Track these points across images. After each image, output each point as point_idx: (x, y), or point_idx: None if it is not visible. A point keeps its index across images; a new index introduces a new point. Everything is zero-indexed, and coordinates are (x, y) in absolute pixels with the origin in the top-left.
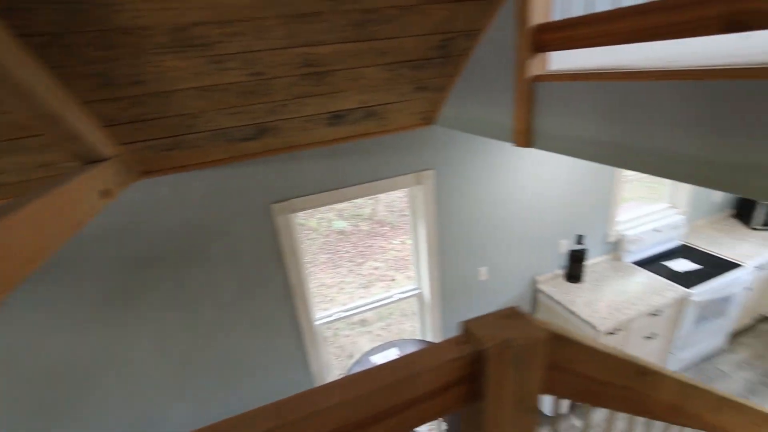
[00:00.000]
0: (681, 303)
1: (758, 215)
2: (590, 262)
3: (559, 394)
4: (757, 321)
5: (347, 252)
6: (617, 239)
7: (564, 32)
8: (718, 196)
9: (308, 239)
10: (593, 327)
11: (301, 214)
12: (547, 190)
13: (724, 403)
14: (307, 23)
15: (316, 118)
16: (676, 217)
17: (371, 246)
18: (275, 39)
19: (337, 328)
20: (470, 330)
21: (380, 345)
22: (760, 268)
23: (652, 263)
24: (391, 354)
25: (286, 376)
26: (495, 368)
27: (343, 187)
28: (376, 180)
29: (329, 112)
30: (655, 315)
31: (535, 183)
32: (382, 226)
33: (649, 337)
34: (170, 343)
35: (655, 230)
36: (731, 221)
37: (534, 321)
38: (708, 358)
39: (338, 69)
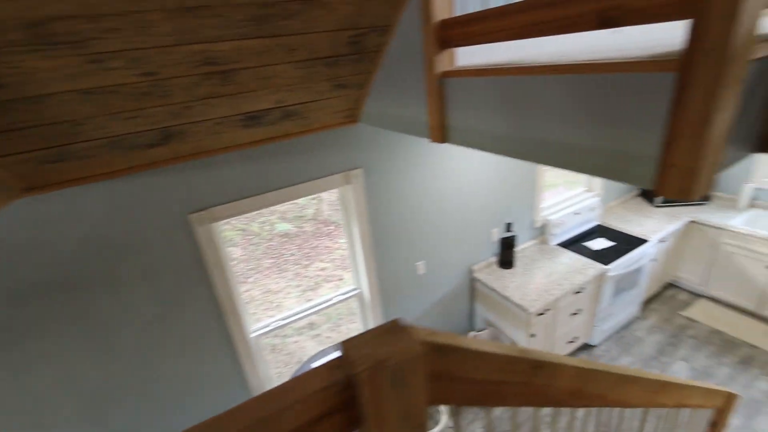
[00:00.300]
0: (600, 279)
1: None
2: (520, 248)
3: (454, 403)
4: (662, 288)
5: (292, 255)
6: (543, 224)
7: (463, 28)
8: None
9: (251, 245)
10: (525, 310)
11: (234, 220)
12: (475, 181)
13: (622, 378)
14: (197, 18)
15: (228, 120)
16: (592, 200)
17: (317, 247)
18: (162, 35)
19: (285, 335)
20: (346, 351)
21: (323, 350)
22: (662, 241)
23: (575, 244)
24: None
25: (222, 397)
26: (370, 392)
27: (269, 191)
28: (304, 182)
29: (243, 114)
30: (579, 292)
31: (464, 176)
32: (327, 226)
33: (575, 313)
34: (79, 381)
35: (575, 213)
36: (638, 200)
37: (415, 334)
38: (626, 326)
39: (245, 67)
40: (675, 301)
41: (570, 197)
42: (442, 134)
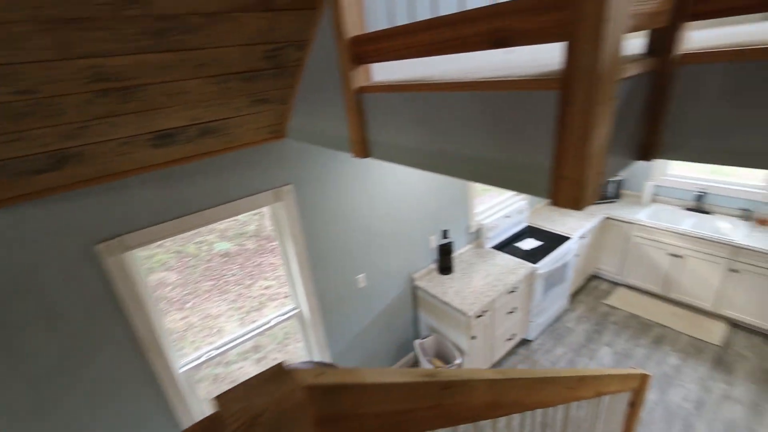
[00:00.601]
0: (531, 277)
1: None
2: (458, 253)
3: None
4: (587, 280)
5: (234, 275)
6: (477, 228)
7: (373, 45)
8: None
9: (188, 267)
10: (464, 313)
11: (169, 242)
12: (410, 191)
13: (538, 381)
14: (81, 30)
15: (136, 139)
16: (520, 203)
17: (260, 264)
18: (39, 49)
19: (228, 362)
20: (220, 407)
21: None
22: (582, 237)
23: (508, 245)
24: None
25: None
26: None
27: (191, 214)
28: (230, 201)
29: (153, 132)
30: (513, 291)
31: (399, 186)
32: (270, 242)
33: (511, 312)
34: None
35: (506, 216)
36: None
37: (299, 378)
38: (558, 319)
39: (148, 83)
40: (598, 291)
41: (501, 201)
42: (363, 149)
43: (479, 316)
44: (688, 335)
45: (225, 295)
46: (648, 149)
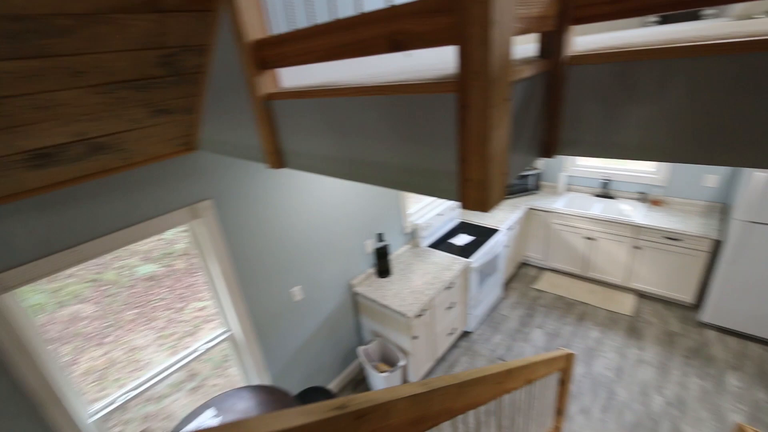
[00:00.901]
0: (466, 271)
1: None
2: (395, 254)
3: None
4: (517, 268)
5: (163, 300)
6: (412, 229)
7: (276, 49)
8: None
9: (107, 297)
10: (404, 315)
11: (82, 270)
12: (342, 197)
13: (464, 385)
14: None
15: (4, 161)
16: (452, 201)
17: (193, 285)
18: None
19: (160, 396)
20: None
21: (194, 410)
22: (510, 228)
23: (443, 243)
24: (206, 418)
25: None
26: None
27: (92, 240)
28: (140, 222)
29: (26, 152)
30: (450, 288)
31: (329, 193)
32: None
33: (449, 307)
34: None
35: (439, 214)
36: None
37: None
38: (494, 308)
39: (8, 95)
40: (527, 277)
41: (433, 200)
42: (278, 159)
43: (419, 316)
44: (605, 309)
45: (153, 323)
46: (549, 146)
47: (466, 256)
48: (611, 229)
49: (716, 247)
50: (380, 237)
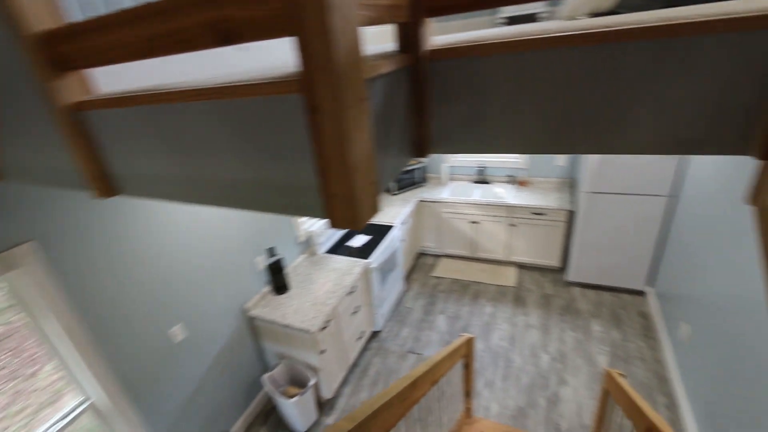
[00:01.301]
0: (366, 273)
1: (393, 184)
2: (292, 266)
3: None
4: (415, 259)
5: (3, 368)
6: (306, 237)
7: (75, 43)
8: None
9: None
10: (308, 331)
11: None
12: (219, 214)
13: (366, 420)
14: None
15: None
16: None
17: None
18: None
19: None
20: None
21: None
22: (404, 222)
23: (340, 247)
24: None
25: None
26: None
27: None
28: None
29: None
30: (352, 292)
31: (204, 211)
32: None
33: (355, 312)
34: None
35: None
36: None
37: None
38: (399, 303)
39: None
40: (426, 267)
41: None
42: (106, 186)
43: (324, 328)
44: (494, 284)
45: None
46: (421, 146)
47: (365, 257)
48: (490, 211)
49: (571, 216)
50: (272, 251)
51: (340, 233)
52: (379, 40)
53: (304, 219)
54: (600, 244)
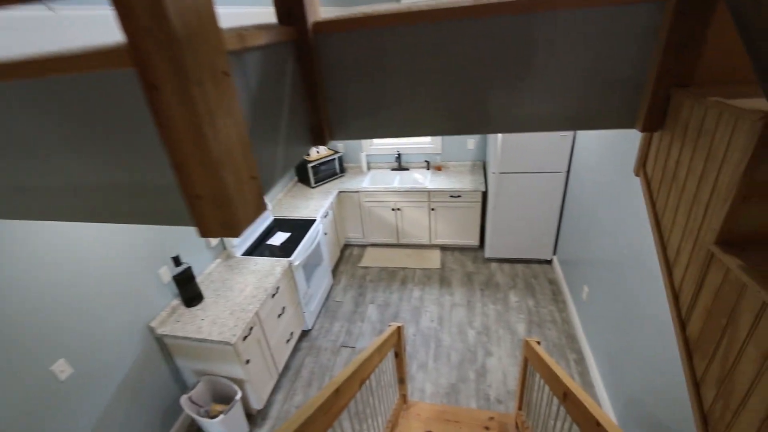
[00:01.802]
0: (289, 271)
1: (312, 176)
2: (204, 274)
3: None
4: (342, 251)
5: None
6: (217, 241)
7: None
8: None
9: None
10: (228, 343)
11: None
12: (107, 229)
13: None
14: None
15: None
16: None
17: None
18: None
19: None
20: None
21: None
22: (325, 215)
23: (259, 246)
24: None
25: None
26: None
27: None
28: None
29: None
30: (276, 294)
31: (85, 227)
32: None
33: (281, 314)
34: None
35: None
36: (300, 186)
37: None
38: (328, 298)
39: None
40: (353, 258)
41: None
42: None
43: (246, 337)
44: (421, 268)
45: None
46: (320, 133)
47: (288, 255)
48: (410, 197)
49: (484, 197)
50: (177, 260)
51: (258, 232)
52: None
53: None
54: (511, 220)
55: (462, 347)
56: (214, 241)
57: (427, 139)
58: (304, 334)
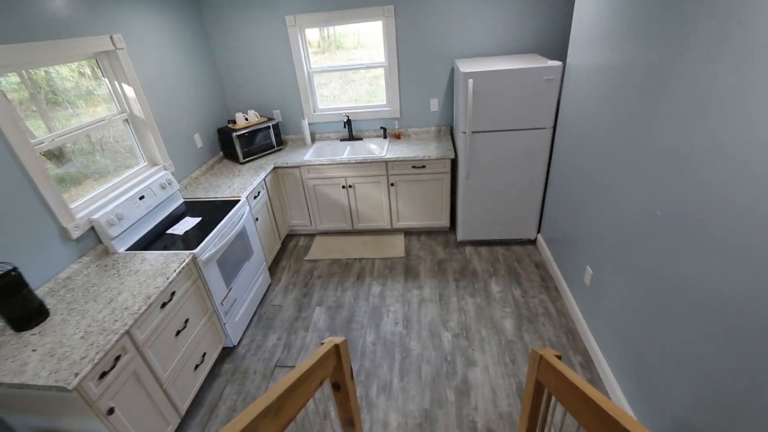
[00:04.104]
0: (193, 269)
1: (240, 149)
2: (60, 278)
3: None
4: (283, 242)
5: None
6: (87, 228)
7: None
8: (196, 143)
9: None
10: (63, 389)
11: None
12: None
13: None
14: None
15: None
16: (160, 176)
17: None
18: None
19: None
20: None
21: None
22: (255, 196)
23: (159, 238)
24: None
25: None
26: None
27: None
28: None
29: None
30: (168, 301)
31: None
32: None
33: (182, 329)
34: None
35: (140, 198)
36: (226, 162)
37: None
38: (263, 301)
39: None
40: (298, 249)
41: (124, 179)
42: None
43: (107, 373)
44: (381, 258)
45: None
46: None
47: (190, 248)
48: (364, 170)
49: (454, 166)
50: None
51: (157, 217)
52: None
53: (81, 201)
54: (487, 193)
55: (436, 356)
56: (77, 232)
57: (383, 100)
58: (226, 353)
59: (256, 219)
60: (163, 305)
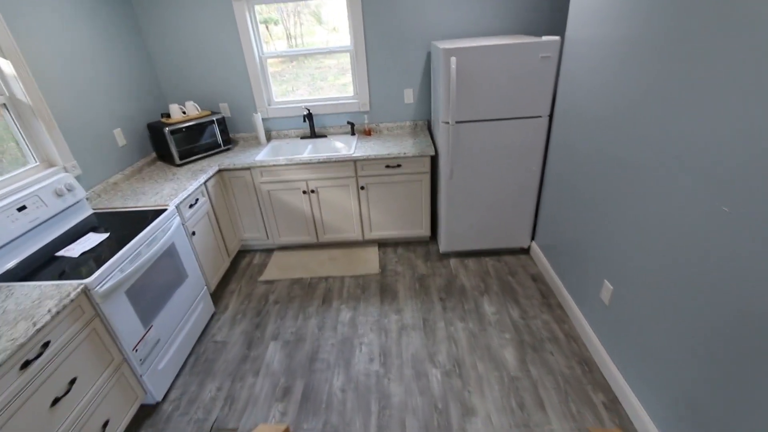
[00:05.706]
0: (85, 305)
1: (174, 148)
2: None
3: None
4: (233, 261)
5: None
6: None
7: None
8: (116, 140)
9: None
10: None
11: None
12: None
13: None
14: None
15: None
16: (58, 178)
17: None
18: None
19: None
20: None
21: None
22: (191, 205)
23: (48, 264)
24: None
25: None
26: None
27: None
28: None
29: None
30: (38, 357)
31: None
32: None
33: (62, 396)
34: None
35: (21, 209)
36: (160, 164)
37: None
38: (201, 338)
39: None
40: (251, 269)
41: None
42: None
43: None
44: (351, 276)
45: None
46: None
47: (84, 276)
48: (329, 172)
49: (434, 164)
50: None
51: (53, 234)
52: None
53: None
54: (473, 195)
55: (424, 404)
56: None
57: (350, 91)
58: (146, 412)
59: (193, 233)
60: (26, 365)
